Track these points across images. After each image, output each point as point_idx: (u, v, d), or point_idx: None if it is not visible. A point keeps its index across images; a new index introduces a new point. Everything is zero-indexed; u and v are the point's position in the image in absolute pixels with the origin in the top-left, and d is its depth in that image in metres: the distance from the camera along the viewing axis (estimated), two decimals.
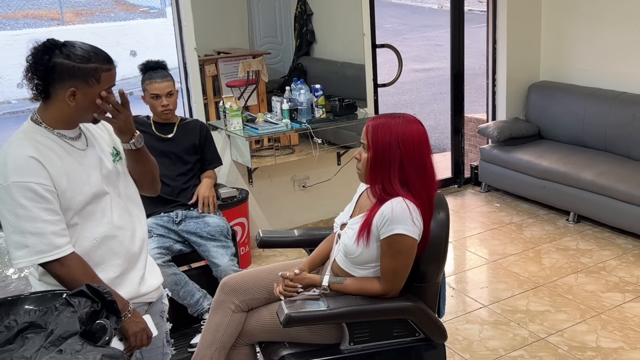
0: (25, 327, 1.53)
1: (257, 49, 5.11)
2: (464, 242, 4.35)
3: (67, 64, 1.76)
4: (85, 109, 1.83)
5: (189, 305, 3.00)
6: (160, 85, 3.11)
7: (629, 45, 4.59)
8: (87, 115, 1.86)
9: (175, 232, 3.10)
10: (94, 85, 1.79)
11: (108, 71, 1.82)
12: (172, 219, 3.11)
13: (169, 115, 3.20)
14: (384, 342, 2.17)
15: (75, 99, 1.79)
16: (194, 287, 3.01)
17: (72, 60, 1.76)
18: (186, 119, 3.39)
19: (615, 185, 4.10)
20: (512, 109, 5.25)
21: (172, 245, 3.05)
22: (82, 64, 1.77)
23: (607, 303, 3.40)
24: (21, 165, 1.75)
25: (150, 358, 2.10)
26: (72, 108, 1.81)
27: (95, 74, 1.78)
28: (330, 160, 4.52)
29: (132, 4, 15.08)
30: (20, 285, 3.17)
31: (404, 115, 2.11)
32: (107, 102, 1.83)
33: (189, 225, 3.10)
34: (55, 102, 1.81)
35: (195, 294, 3.01)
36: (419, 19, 17.43)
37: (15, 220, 1.74)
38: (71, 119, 1.85)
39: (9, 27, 12.42)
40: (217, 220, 3.14)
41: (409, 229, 2.02)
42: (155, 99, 3.13)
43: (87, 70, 1.77)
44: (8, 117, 9.31)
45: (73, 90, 1.78)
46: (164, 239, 3.03)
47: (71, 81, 1.77)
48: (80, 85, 1.78)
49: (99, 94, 1.81)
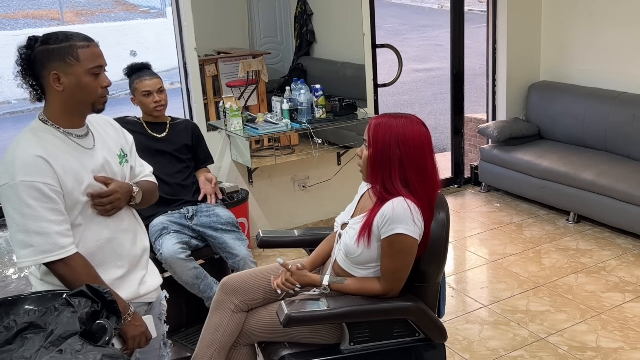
0: (24, 327, 1.52)
1: (257, 49, 5.11)
2: (464, 242, 4.35)
3: (43, 49, 1.77)
4: (76, 93, 1.80)
5: (207, 298, 3.00)
6: (150, 82, 3.12)
7: (629, 45, 4.59)
8: (82, 101, 1.83)
9: (190, 227, 3.10)
10: (74, 63, 1.78)
11: (85, 47, 1.80)
12: (183, 215, 3.12)
13: (162, 112, 3.20)
14: (384, 342, 2.17)
15: (61, 82, 1.78)
16: (212, 281, 3.03)
17: (50, 44, 1.77)
18: (176, 118, 3.39)
19: (615, 185, 4.10)
20: (512, 109, 5.25)
21: (190, 241, 3.07)
22: (56, 45, 1.77)
23: (607, 303, 3.40)
24: (28, 164, 1.75)
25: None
26: (63, 94, 1.80)
27: (71, 51, 1.77)
28: (330, 160, 4.52)
29: (132, 4, 15.07)
30: (20, 285, 3.17)
31: (407, 116, 2.11)
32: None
33: (202, 219, 3.11)
34: (49, 95, 1.82)
35: (213, 287, 3.01)
36: (419, 19, 17.43)
37: (21, 219, 1.74)
38: (70, 109, 1.84)
39: (9, 27, 12.42)
40: (227, 212, 3.17)
41: (410, 228, 2.02)
42: (147, 96, 3.13)
43: (62, 49, 1.77)
44: (8, 117, 9.31)
45: (55, 74, 1.77)
46: (180, 234, 3.03)
47: (51, 64, 1.77)
48: (60, 67, 1.77)
49: (84, 74, 1.78)
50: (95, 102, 1.86)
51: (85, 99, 1.84)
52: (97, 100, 1.86)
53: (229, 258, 3.06)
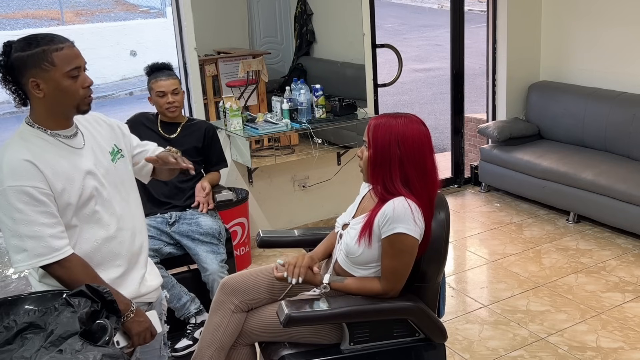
0: (24, 328, 1.53)
1: (257, 49, 5.11)
2: (464, 242, 4.35)
3: (19, 56, 1.73)
4: (57, 98, 1.78)
5: (175, 309, 2.99)
6: (165, 82, 3.13)
7: (629, 45, 4.59)
8: (66, 105, 1.81)
9: (167, 234, 3.08)
10: (50, 68, 1.74)
11: (59, 50, 1.76)
12: (165, 220, 3.10)
13: (175, 113, 3.19)
14: (384, 342, 2.17)
15: (41, 89, 1.75)
16: (181, 291, 3.00)
17: (22, 51, 1.74)
18: (193, 119, 3.38)
19: (615, 185, 4.10)
20: (512, 109, 5.25)
21: (162, 248, 3.04)
22: (30, 51, 1.73)
23: (607, 303, 3.40)
24: (16, 169, 1.73)
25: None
26: (44, 100, 1.77)
27: (45, 56, 1.73)
28: (330, 160, 4.52)
29: (132, 4, 15.08)
30: (20, 285, 3.17)
31: (406, 116, 2.11)
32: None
33: (181, 227, 3.08)
34: (32, 100, 1.80)
35: (182, 298, 3.00)
36: (419, 19, 17.44)
37: (13, 224, 1.74)
38: (55, 113, 1.82)
39: (9, 27, 12.43)
40: (210, 222, 3.10)
41: (411, 228, 2.02)
42: (161, 96, 3.13)
43: (36, 55, 1.73)
44: (8, 117, 9.30)
45: (33, 81, 1.74)
46: (155, 240, 3.00)
47: (28, 72, 1.74)
48: (37, 73, 1.74)
49: (62, 78, 1.75)
50: (79, 104, 1.82)
51: (68, 102, 1.81)
52: (81, 102, 1.82)
53: (201, 271, 3.03)
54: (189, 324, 3.04)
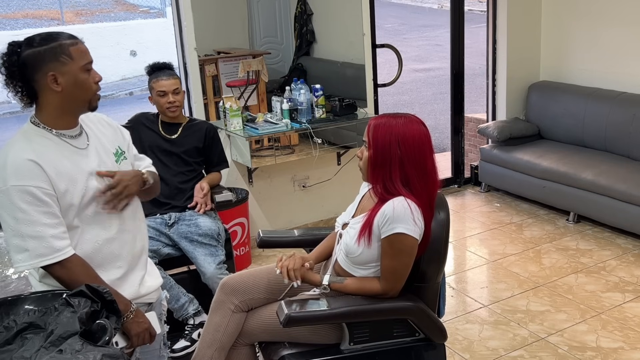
0: (24, 328, 1.53)
1: (257, 49, 5.11)
2: (464, 242, 4.35)
3: (34, 52, 1.75)
4: (74, 92, 1.80)
5: (173, 310, 2.99)
6: (166, 82, 3.12)
7: (629, 45, 4.59)
8: (80, 100, 1.83)
9: (166, 235, 3.08)
10: (68, 61, 1.78)
11: (75, 45, 1.80)
12: (165, 221, 3.10)
13: (176, 113, 3.19)
14: (384, 342, 2.17)
15: (59, 83, 1.77)
16: (179, 292, 3.00)
17: (36, 47, 1.76)
18: (194, 120, 3.38)
19: (615, 185, 4.10)
20: (512, 109, 5.25)
21: (161, 249, 3.04)
22: (45, 46, 1.76)
23: (607, 303, 3.40)
24: (20, 169, 1.74)
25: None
26: (61, 94, 1.79)
27: (63, 49, 1.77)
28: (330, 160, 4.52)
29: (132, 4, 15.08)
30: (20, 285, 3.17)
31: (406, 116, 2.11)
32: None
33: (180, 228, 3.08)
34: (44, 97, 1.80)
35: (180, 299, 3.00)
36: (419, 19, 17.43)
37: (15, 224, 1.74)
38: (67, 110, 1.83)
39: (9, 27, 12.43)
40: (209, 223, 3.10)
41: (410, 228, 2.02)
42: (162, 96, 3.13)
43: (53, 49, 1.76)
44: (8, 117, 9.31)
45: (52, 75, 1.76)
46: (153, 241, 2.99)
47: (46, 66, 1.76)
48: (56, 67, 1.76)
49: (79, 71, 1.79)
50: (91, 100, 1.86)
51: (83, 97, 1.83)
52: (93, 97, 1.86)
53: (200, 273, 3.03)
54: (187, 324, 3.04)
